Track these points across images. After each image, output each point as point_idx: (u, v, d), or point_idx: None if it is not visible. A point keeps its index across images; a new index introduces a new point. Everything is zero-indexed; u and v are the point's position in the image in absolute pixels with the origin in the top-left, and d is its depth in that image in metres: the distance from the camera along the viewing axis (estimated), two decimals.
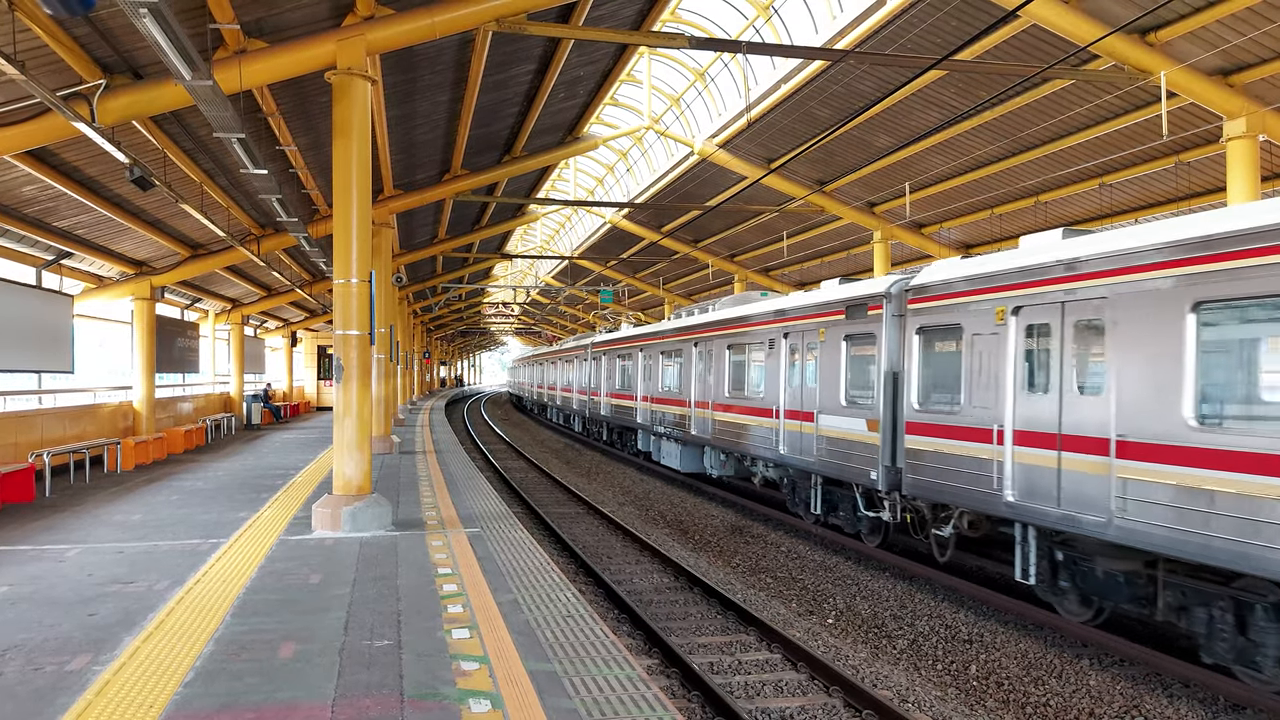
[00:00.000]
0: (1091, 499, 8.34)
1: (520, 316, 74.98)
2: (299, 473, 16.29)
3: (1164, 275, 7.74)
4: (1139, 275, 8.02)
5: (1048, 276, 9.08)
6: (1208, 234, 7.39)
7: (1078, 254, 8.76)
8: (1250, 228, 7.02)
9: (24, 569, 8.49)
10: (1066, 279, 8.82)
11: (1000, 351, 9.65)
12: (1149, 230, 8.16)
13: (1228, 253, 7.18)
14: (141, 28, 7.04)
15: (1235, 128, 13.07)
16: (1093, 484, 8.34)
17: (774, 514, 16.27)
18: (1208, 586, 7.74)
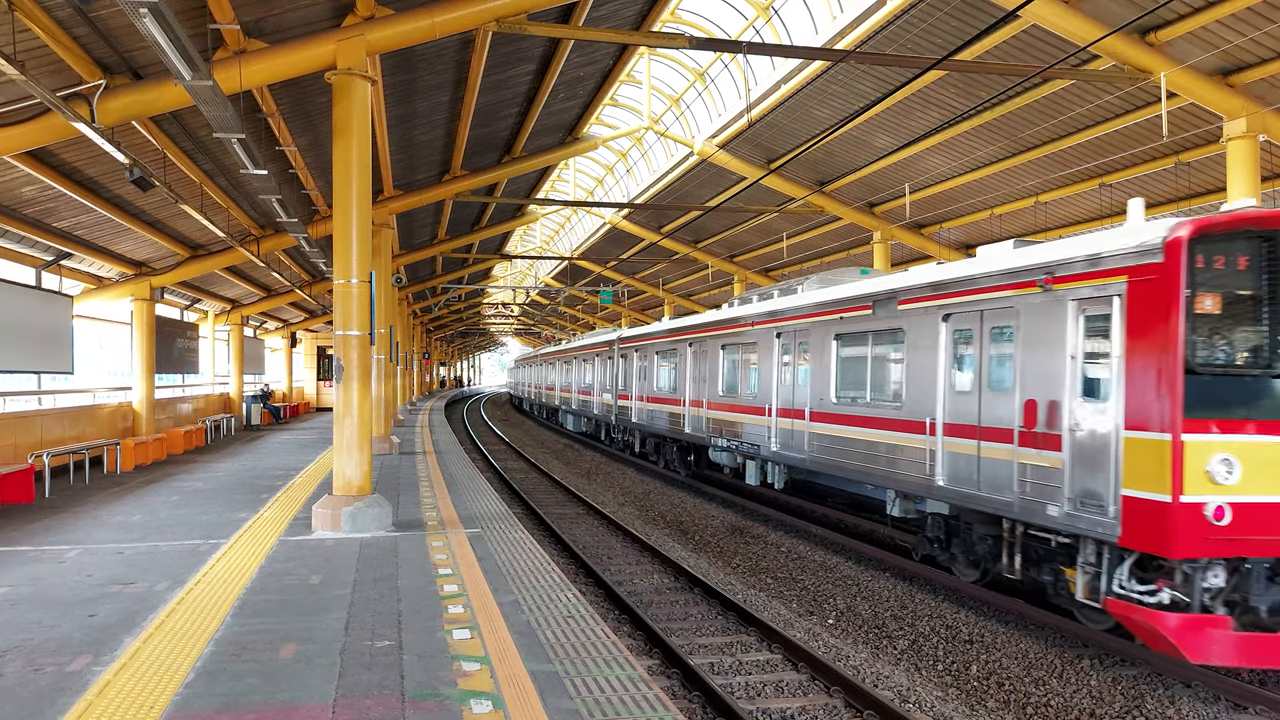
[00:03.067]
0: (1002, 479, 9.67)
1: (520, 317, 74.98)
2: (299, 473, 16.28)
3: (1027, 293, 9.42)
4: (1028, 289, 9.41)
5: (967, 288, 10.31)
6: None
7: (974, 271, 10.13)
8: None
9: (24, 570, 8.48)
10: (955, 294, 10.38)
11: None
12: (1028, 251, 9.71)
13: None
14: (141, 28, 7.03)
15: (1235, 128, 13.07)
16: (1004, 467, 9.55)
17: (774, 515, 16.27)
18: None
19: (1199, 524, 7.41)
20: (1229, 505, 7.43)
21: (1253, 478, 7.47)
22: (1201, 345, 7.69)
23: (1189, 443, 7.47)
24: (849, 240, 27.18)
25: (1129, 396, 7.98)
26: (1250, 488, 7.47)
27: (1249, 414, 7.64)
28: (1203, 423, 7.52)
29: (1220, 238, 7.77)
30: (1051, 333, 9.01)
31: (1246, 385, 7.71)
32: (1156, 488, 7.58)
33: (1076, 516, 8.45)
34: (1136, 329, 7.99)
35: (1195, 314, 7.66)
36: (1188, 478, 7.45)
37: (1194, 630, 7.46)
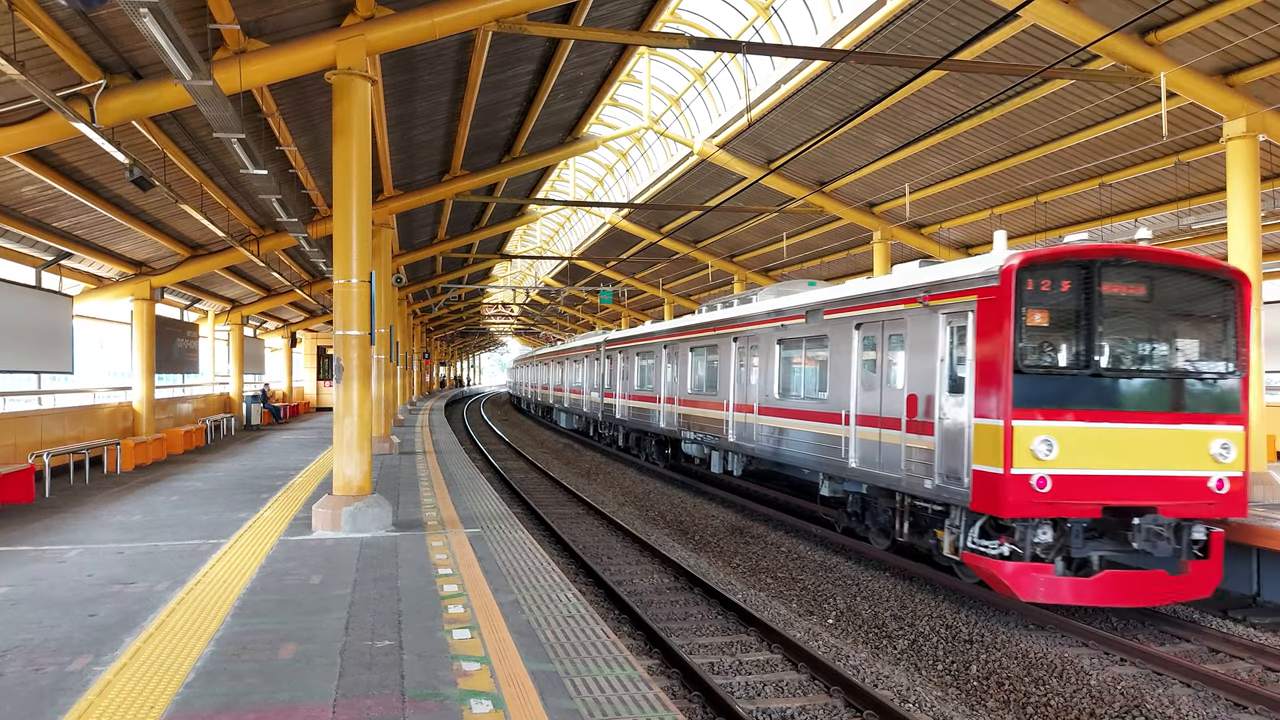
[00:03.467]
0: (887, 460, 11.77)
1: (520, 317, 74.97)
2: (299, 473, 16.28)
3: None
4: (901, 304, 11.49)
5: (862, 304, 12.56)
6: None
7: (870, 290, 12.39)
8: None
9: (24, 570, 8.49)
10: (863, 306, 12.47)
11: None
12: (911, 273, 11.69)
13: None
14: (142, 28, 7.03)
15: (1235, 128, 13.07)
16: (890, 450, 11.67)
17: (774, 515, 16.27)
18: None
19: (1026, 491, 9.30)
20: (1050, 476, 9.32)
21: (1068, 455, 9.39)
22: (1030, 351, 9.59)
23: (1017, 427, 9.35)
24: (849, 240, 27.17)
25: (977, 391, 9.83)
26: (1066, 463, 9.37)
27: (1066, 405, 9.50)
28: (1029, 412, 9.40)
29: (1046, 266, 9.67)
30: (928, 340, 10.85)
31: (1065, 382, 9.59)
32: (994, 463, 9.45)
33: (943, 488, 10.32)
34: (982, 337, 9.84)
35: (1026, 326, 9.58)
36: (1016, 455, 9.32)
37: (1024, 575, 9.40)
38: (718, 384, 18.11)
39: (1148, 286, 9.93)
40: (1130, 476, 9.52)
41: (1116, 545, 9.59)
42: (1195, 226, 15.78)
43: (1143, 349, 9.94)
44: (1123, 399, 9.66)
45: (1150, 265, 9.96)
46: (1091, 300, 9.67)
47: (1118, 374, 9.72)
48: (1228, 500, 9.70)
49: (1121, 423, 9.58)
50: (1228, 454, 9.80)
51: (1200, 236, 18.44)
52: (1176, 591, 9.57)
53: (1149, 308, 9.94)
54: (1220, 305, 10.11)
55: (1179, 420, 9.75)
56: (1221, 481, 9.72)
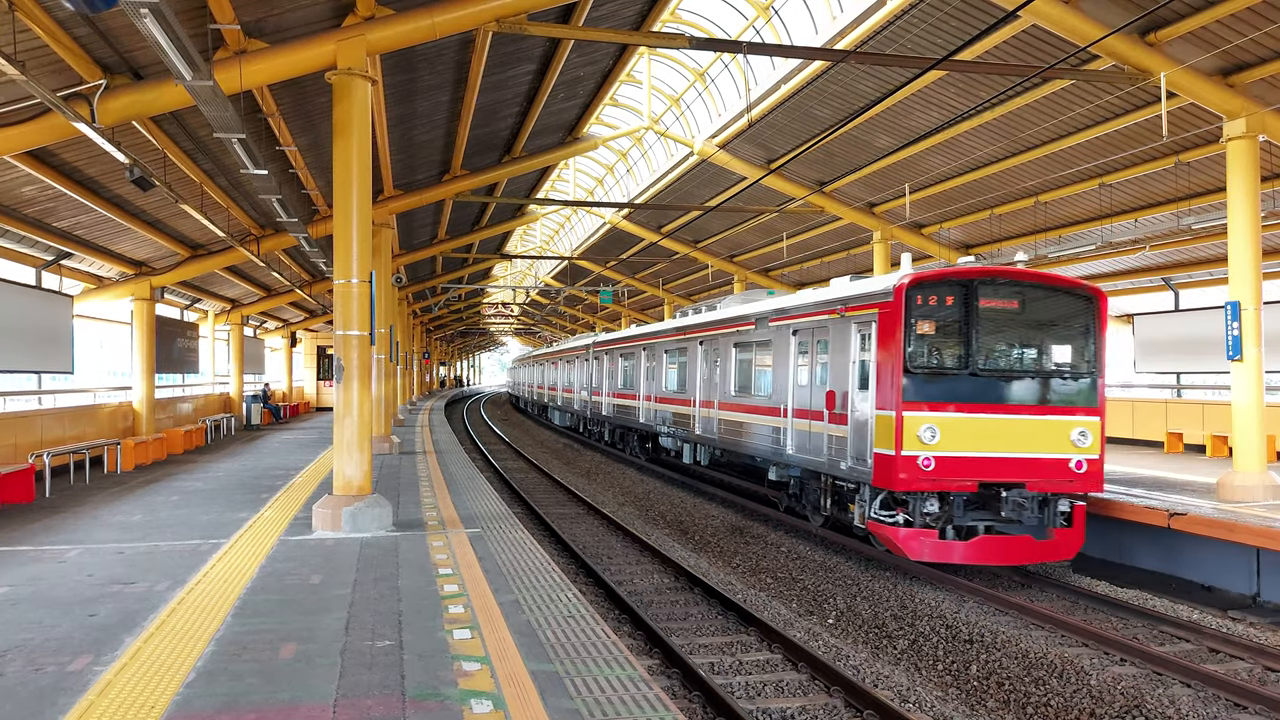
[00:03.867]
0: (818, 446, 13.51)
1: (520, 317, 74.97)
2: (299, 473, 16.28)
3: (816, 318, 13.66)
4: (820, 315, 13.60)
5: (800, 312, 14.34)
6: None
7: (823, 297, 13.82)
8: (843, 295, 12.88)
9: (24, 570, 8.49)
10: (798, 316, 14.37)
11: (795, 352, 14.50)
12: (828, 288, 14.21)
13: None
14: (142, 28, 7.03)
15: (1235, 128, 13.06)
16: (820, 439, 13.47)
17: (774, 514, 16.28)
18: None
19: (914, 470, 11.09)
20: (933, 458, 11.12)
21: (949, 440, 11.20)
22: (918, 355, 11.42)
23: (907, 417, 11.17)
24: (849, 240, 27.17)
25: (877, 388, 11.70)
26: (948, 446, 11.17)
27: (948, 399, 11.36)
28: (917, 405, 11.22)
29: (932, 284, 11.51)
30: (844, 345, 12.71)
31: (948, 380, 11.44)
32: (889, 446, 11.26)
33: (854, 469, 12.21)
34: (881, 343, 11.69)
35: (914, 334, 11.40)
36: (906, 440, 11.13)
37: (913, 539, 11.29)
38: (686, 383, 20.11)
39: (1020, 301, 11.82)
40: (1002, 458, 11.36)
41: (992, 515, 11.40)
42: (1195, 226, 15.77)
43: (1014, 353, 11.88)
44: (996, 394, 11.54)
45: (1021, 284, 11.84)
46: (970, 313, 11.57)
47: (992, 374, 11.58)
48: (1086, 478, 11.55)
49: (995, 413, 11.46)
50: (1085, 440, 11.58)
51: (1200, 236, 18.43)
52: (1042, 553, 11.47)
53: (1020, 319, 11.86)
54: (1082, 317, 11.98)
55: (1044, 412, 11.62)
56: (1080, 463, 11.54)
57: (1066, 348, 11.90)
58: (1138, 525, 12.29)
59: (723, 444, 17.73)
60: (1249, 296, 12.94)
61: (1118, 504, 12.42)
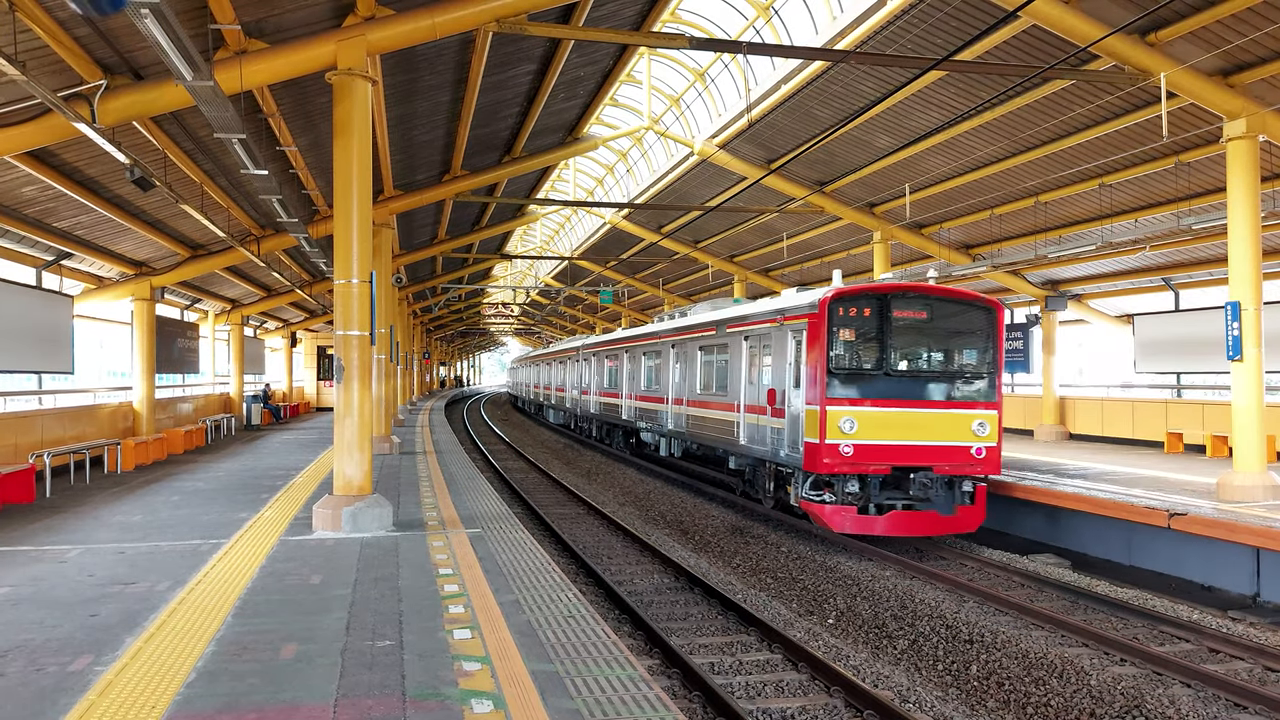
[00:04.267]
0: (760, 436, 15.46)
1: (520, 317, 74.97)
2: (299, 473, 16.29)
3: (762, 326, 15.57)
4: (759, 325, 15.68)
5: (749, 320, 16.24)
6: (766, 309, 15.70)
7: (762, 309, 15.94)
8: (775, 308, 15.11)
9: (25, 570, 8.49)
10: (748, 323, 16.22)
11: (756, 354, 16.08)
12: (763, 302, 16.71)
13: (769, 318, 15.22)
14: (143, 28, 7.04)
15: (1235, 128, 13.06)
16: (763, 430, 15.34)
17: (774, 514, 16.29)
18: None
19: (836, 455, 12.93)
20: (853, 445, 12.95)
21: (866, 430, 13.04)
22: (839, 358, 13.31)
23: (829, 411, 13.03)
24: (849, 240, 27.16)
25: (806, 386, 13.51)
26: (864, 435, 13.01)
27: (865, 395, 13.19)
28: (838, 400, 13.09)
29: (851, 298, 13.42)
30: (782, 349, 14.49)
31: (864, 379, 13.29)
32: (815, 436, 13.10)
33: (790, 456, 14.01)
34: (810, 348, 13.49)
35: (836, 340, 13.31)
36: (829, 430, 12.97)
37: (836, 513, 13.11)
38: (661, 383, 21.96)
39: (928, 313, 13.65)
40: (912, 445, 13.16)
41: (903, 494, 13.18)
42: (1195, 227, 15.76)
43: (922, 356, 13.78)
44: (907, 391, 13.34)
45: (929, 297, 13.71)
46: (885, 322, 13.39)
47: (903, 374, 13.44)
48: (985, 463, 13.39)
49: (905, 408, 13.26)
50: (984, 430, 13.43)
51: (1200, 237, 18.42)
52: (948, 526, 13.25)
53: (928, 328, 13.72)
54: (982, 326, 13.79)
55: (948, 406, 13.44)
56: (980, 450, 13.37)
57: (968, 352, 13.86)
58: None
59: (691, 437, 19.64)
60: (1249, 297, 12.94)
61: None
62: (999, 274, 24.02)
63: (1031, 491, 14.44)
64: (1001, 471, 14.81)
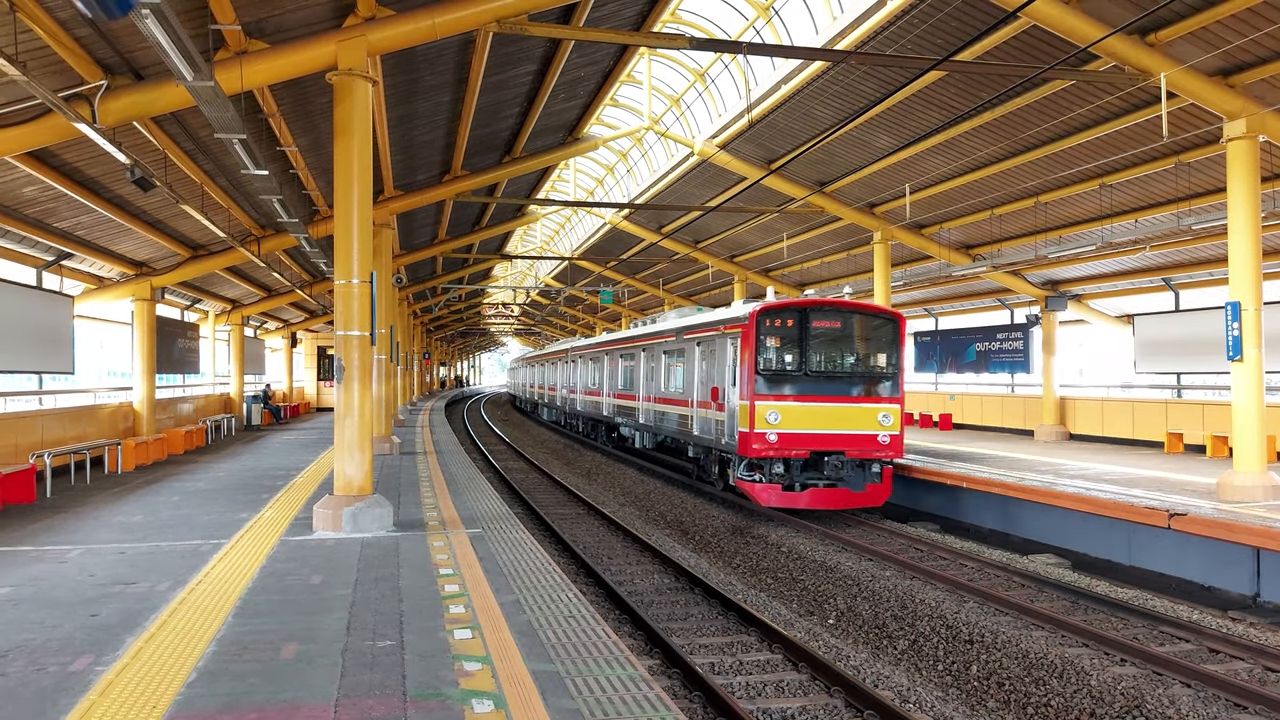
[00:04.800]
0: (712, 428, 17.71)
1: (520, 317, 74.97)
2: (299, 473, 16.29)
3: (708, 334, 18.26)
4: (705, 332, 18.42)
5: (700, 328, 18.89)
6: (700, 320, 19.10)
7: (708, 319, 18.80)
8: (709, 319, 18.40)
9: (25, 570, 8.49)
10: (699, 331, 18.87)
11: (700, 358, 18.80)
12: (706, 313, 20.01)
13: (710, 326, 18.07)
14: (143, 28, 7.04)
15: (1235, 128, 13.07)
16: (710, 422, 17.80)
17: (774, 514, 16.29)
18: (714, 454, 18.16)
19: (763, 442, 15.36)
20: (777, 433, 15.39)
21: (788, 421, 15.51)
22: (766, 360, 15.80)
23: (757, 405, 15.43)
24: (849, 240, 27.17)
25: (740, 385, 15.89)
26: (787, 425, 15.48)
27: (788, 392, 15.69)
28: (765, 396, 15.51)
29: (776, 312, 15.98)
30: (723, 354, 17.04)
31: (788, 379, 15.80)
32: (746, 426, 15.53)
33: (729, 443, 16.37)
34: (743, 353, 15.92)
35: (763, 346, 15.81)
36: (757, 421, 15.40)
37: (764, 491, 15.51)
38: (634, 381, 24.36)
39: (842, 323, 16.31)
40: (827, 434, 15.63)
41: (820, 474, 15.62)
42: (1195, 227, 15.77)
43: (836, 359, 16.26)
44: (823, 388, 15.84)
45: (842, 310, 16.33)
46: (804, 331, 15.92)
47: (820, 374, 15.92)
48: (889, 448, 15.83)
49: (821, 402, 15.75)
50: (888, 420, 15.85)
51: (1200, 237, 18.43)
52: (858, 500, 15.70)
53: (841, 335, 16.33)
54: (887, 334, 16.44)
55: (857, 401, 15.90)
56: (885, 437, 15.80)
57: (874, 356, 16.44)
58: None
59: (657, 429, 22.15)
60: (1249, 297, 12.95)
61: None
62: (999, 274, 24.03)
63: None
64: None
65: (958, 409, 29.89)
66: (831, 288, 30.39)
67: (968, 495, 16.34)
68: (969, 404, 29.61)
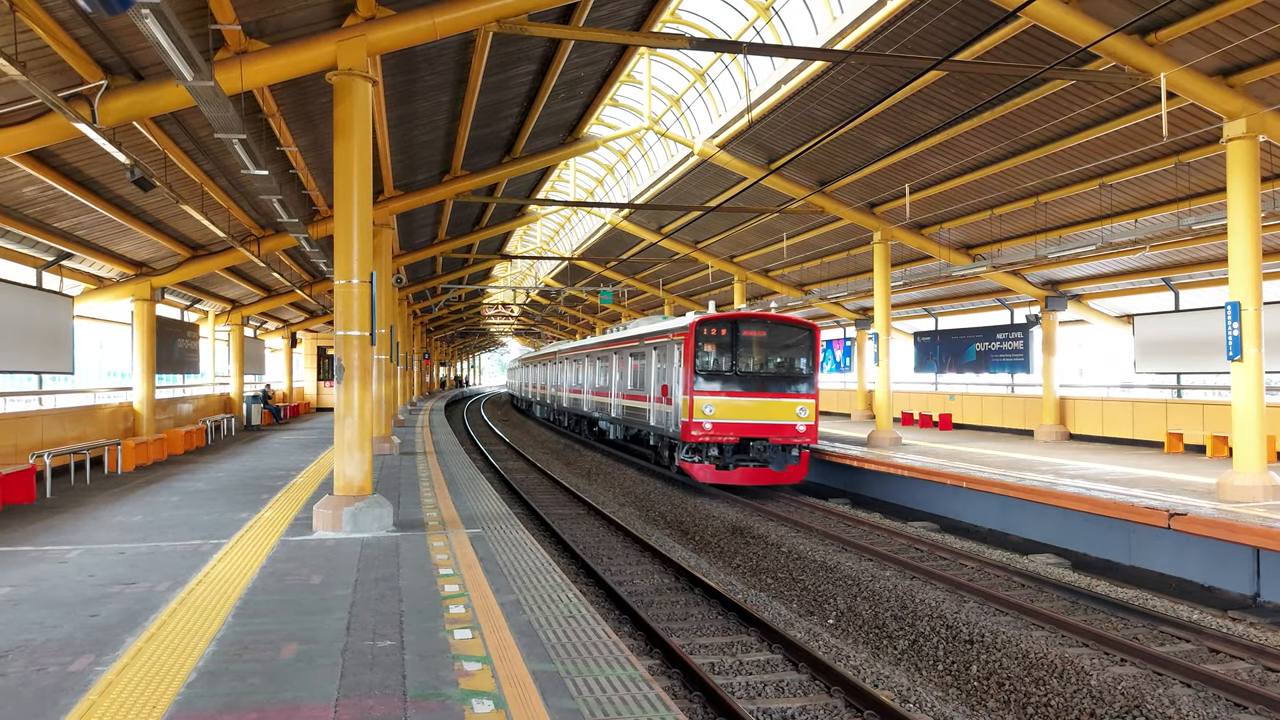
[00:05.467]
0: (664, 417, 20.79)
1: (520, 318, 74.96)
2: (299, 474, 16.29)
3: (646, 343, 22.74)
4: (655, 340, 22.10)
5: (657, 335, 22.12)
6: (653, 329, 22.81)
7: (658, 328, 22.30)
8: (655, 330, 22.49)
9: (25, 570, 8.49)
10: (654, 338, 22.17)
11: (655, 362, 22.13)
12: (665, 322, 23.45)
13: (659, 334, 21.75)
14: (143, 28, 7.04)
15: (1235, 128, 13.07)
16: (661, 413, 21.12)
17: (775, 513, 16.30)
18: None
19: (701, 430, 18.61)
20: (712, 422, 18.61)
21: (721, 412, 18.74)
22: (703, 363, 19.03)
23: (696, 400, 18.73)
24: (849, 240, 27.17)
25: (684, 383, 19.13)
26: (720, 416, 18.71)
27: (720, 388, 18.93)
28: (702, 392, 18.80)
29: (711, 323, 19.25)
30: (673, 356, 20.27)
31: (721, 378, 19.00)
32: (687, 417, 18.78)
33: (675, 431, 19.56)
34: (685, 356, 19.25)
35: (701, 351, 19.06)
36: (695, 412, 18.66)
37: (701, 469, 18.80)
38: (608, 380, 27.55)
39: (766, 332, 19.67)
40: (753, 423, 18.90)
41: (749, 457, 18.96)
42: (1195, 227, 15.77)
43: (761, 362, 19.63)
44: (750, 385, 19.14)
45: (766, 322, 19.80)
46: (735, 339, 19.32)
47: (747, 374, 19.24)
48: (805, 435, 19.16)
49: (749, 397, 19.03)
50: (805, 413, 19.17)
51: (1200, 237, 18.43)
52: (780, 478, 19.04)
53: (766, 342, 19.68)
54: (804, 341, 19.76)
55: (779, 396, 19.19)
56: (802, 427, 19.10)
57: (794, 360, 19.75)
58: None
59: (625, 421, 25.27)
60: (1249, 297, 12.95)
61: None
62: (999, 274, 24.03)
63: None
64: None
65: (957, 409, 29.89)
66: (831, 288, 30.75)
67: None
68: (969, 404, 29.61)
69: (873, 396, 28.94)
